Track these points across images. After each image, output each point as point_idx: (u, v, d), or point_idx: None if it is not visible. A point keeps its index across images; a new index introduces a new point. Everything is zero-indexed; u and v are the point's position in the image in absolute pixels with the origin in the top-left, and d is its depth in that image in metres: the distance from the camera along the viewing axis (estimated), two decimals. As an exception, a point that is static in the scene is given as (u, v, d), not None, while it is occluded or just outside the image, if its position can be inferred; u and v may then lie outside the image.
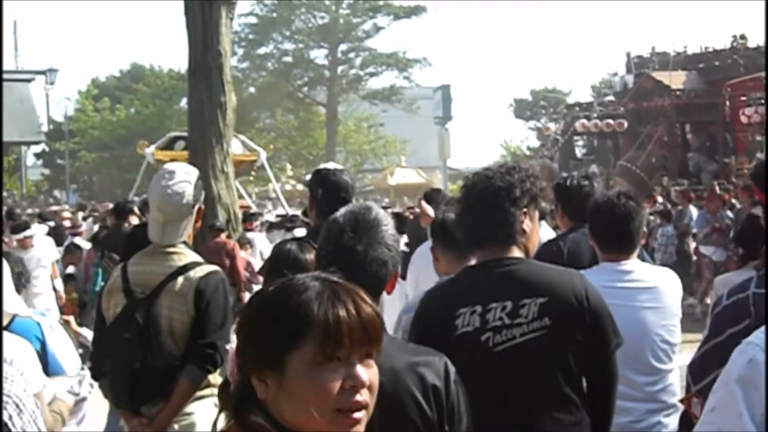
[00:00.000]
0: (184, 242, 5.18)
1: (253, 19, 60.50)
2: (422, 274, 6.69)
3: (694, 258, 20.31)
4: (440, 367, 3.28)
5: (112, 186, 55.86)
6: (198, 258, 5.21)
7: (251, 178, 38.92)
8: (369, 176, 58.97)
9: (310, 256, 4.33)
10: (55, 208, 23.55)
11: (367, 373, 2.15)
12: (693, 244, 20.48)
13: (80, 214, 24.00)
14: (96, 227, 16.59)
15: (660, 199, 26.42)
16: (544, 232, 8.12)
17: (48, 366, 5.08)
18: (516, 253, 4.10)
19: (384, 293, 3.45)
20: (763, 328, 2.30)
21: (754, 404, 2.19)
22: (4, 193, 48.89)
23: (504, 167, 4.21)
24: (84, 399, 4.87)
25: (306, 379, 2.11)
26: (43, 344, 5.12)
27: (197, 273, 5.01)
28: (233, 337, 2.43)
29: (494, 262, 4.07)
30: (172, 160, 20.61)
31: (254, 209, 21.96)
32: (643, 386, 5.00)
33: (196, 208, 5.21)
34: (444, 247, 5.43)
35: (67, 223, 20.26)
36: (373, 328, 2.17)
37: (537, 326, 3.92)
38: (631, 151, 35.27)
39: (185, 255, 5.11)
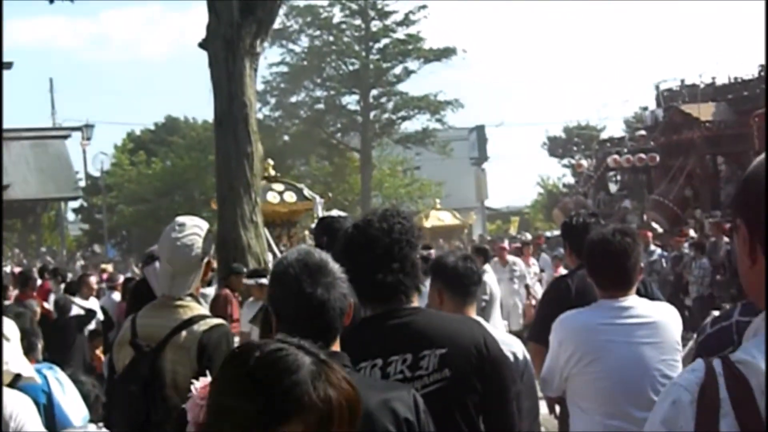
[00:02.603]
0: (191, 295, 5.19)
1: (284, 68, 60.75)
2: None
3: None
4: (409, 400, 3.38)
5: (151, 239, 55.85)
6: (204, 311, 5.22)
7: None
8: (405, 220, 58.65)
9: None
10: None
11: None
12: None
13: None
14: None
15: (692, 232, 26.33)
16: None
17: (55, 417, 5.19)
18: (415, 301, 4.07)
19: None
20: (688, 369, 2.35)
21: None
22: (42, 249, 49.28)
23: (393, 215, 4.09)
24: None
25: None
26: (50, 396, 5.23)
27: (201, 327, 4.99)
28: (198, 382, 2.42)
29: (392, 313, 3.99)
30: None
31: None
32: (644, 422, 5.00)
33: (205, 261, 5.22)
34: (452, 291, 5.36)
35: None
36: (357, 410, 2.16)
37: (437, 378, 3.88)
38: (664, 184, 35.19)
39: (191, 308, 5.11)
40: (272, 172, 23.92)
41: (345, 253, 4.07)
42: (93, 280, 16.39)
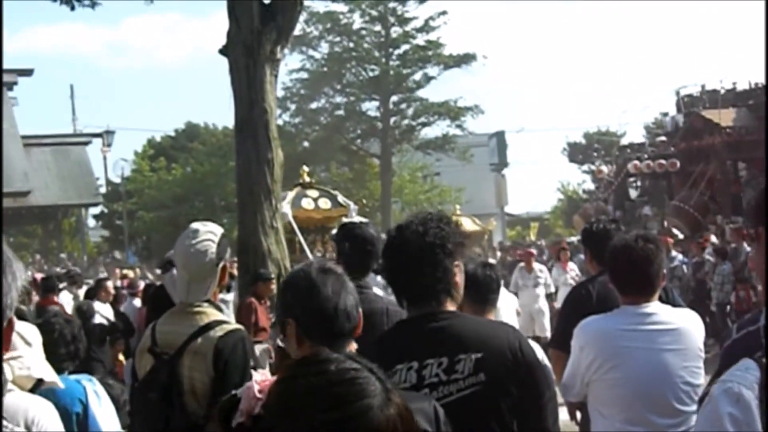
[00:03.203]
0: (209, 301, 5.20)
1: (304, 75, 60.75)
2: None
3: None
4: (430, 412, 3.39)
5: (171, 245, 55.47)
6: (221, 317, 5.23)
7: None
8: (425, 226, 58.55)
9: None
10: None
11: None
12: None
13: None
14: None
15: (713, 238, 26.23)
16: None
17: (88, 428, 5.24)
18: (450, 305, 4.07)
19: None
20: (740, 368, 2.33)
21: None
22: (63, 255, 49.44)
23: (433, 219, 4.11)
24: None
25: None
26: (86, 407, 5.27)
27: (217, 332, 5.01)
28: (257, 375, 2.40)
29: (429, 316, 4.02)
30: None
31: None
32: (665, 428, 4.98)
33: (221, 266, 5.21)
34: (471, 299, 5.32)
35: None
36: (415, 425, 2.18)
37: (473, 381, 3.89)
38: (684, 190, 35.07)
39: (208, 314, 5.12)
40: (307, 179, 23.99)
41: (384, 253, 4.21)
42: (110, 284, 16.45)
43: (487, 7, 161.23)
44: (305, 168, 24.95)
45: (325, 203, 22.84)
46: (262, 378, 2.29)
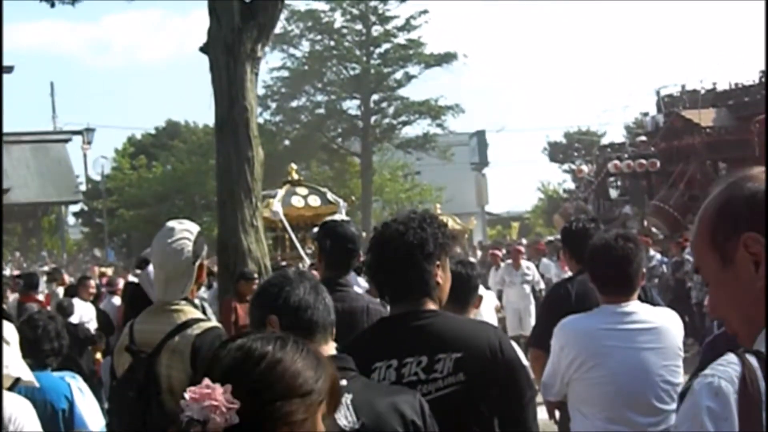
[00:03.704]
0: (187, 299, 5.17)
1: (285, 73, 60.68)
2: None
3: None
4: (416, 404, 3.43)
5: (150, 243, 55.28)
6: (199, 314, 5.20)
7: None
8: (405, 224, 58.48)
9: None
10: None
11: None
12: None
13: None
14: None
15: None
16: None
17: (74, 424, 5.28)
18: (430, 305, 4.07)
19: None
20: (722, 362, 2.32)
21: None
22: (43, 252, 49.29)
23: (416, 219, 4.11)
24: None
25: None
26: (71, 404, 5.32)
27: (194, 330, 4.98)
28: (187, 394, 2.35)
29: (409, 315, 4.02)
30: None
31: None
32: (645, 427, 4.99)
33: (197, 264, 5.19)
34: (449, 299, 5.34)
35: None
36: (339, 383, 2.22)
37: (452, 381, 3.89)
38: (664, 190, 35.14)
39: (185, 312, 5.09)
40: (295, 176, 24.00)
41: (368, 250, 4.24)
42: (92, 282, 16.38)
43: (468, 6, 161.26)
44: (293, 165, 24.95)
45: (314, 200, 22.86)
46: (199, 392, 2.18)
